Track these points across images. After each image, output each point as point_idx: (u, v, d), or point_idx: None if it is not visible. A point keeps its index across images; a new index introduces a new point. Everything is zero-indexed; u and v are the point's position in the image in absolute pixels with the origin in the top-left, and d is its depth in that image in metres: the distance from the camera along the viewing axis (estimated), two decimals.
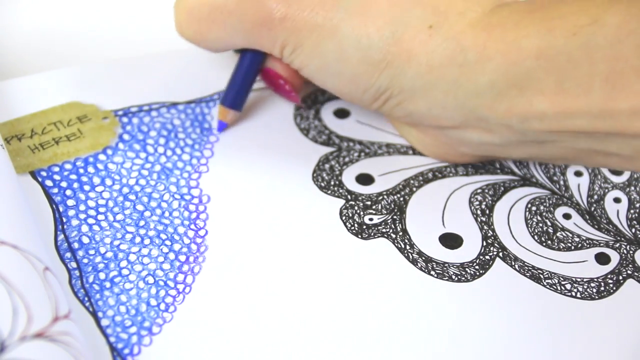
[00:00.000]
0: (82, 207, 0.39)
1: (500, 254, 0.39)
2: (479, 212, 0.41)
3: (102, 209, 0.39)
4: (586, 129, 0.35)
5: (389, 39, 0.37)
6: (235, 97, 0.42)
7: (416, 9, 0.37)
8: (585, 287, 0.38)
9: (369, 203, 0.41)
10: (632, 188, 0.42)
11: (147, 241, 0.38)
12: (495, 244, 0.40)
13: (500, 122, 0.37)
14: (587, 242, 0.40)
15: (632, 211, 0.42)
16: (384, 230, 0.40)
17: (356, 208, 0.40)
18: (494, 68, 0.35)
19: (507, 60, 0.35)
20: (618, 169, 0.42)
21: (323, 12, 0.37)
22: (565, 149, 0.38)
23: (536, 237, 0.40)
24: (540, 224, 0.41)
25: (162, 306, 0.36)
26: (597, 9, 0.34)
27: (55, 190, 0.39)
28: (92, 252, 0.37)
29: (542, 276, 0.39)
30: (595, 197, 0.42)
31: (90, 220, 0.38)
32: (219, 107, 0.42)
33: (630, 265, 0.39)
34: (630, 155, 0.36)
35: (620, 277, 0.39)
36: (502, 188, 0.42)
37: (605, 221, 0.41)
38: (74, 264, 0.37)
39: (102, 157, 0.40)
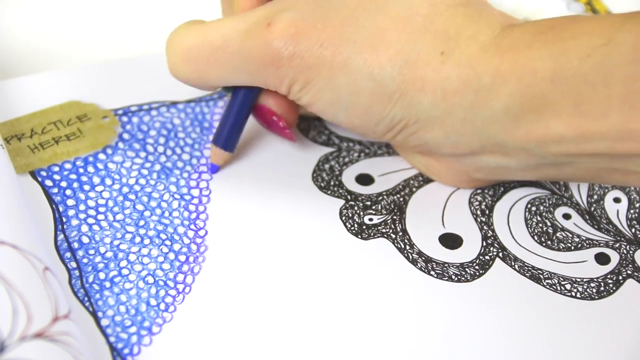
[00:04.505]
0: (82, 207, 0.39)
1: (500, 254, 0.39)
2: (478, 212, 0.41)
3: (102, 209, 0.39)
4: (606, 151, 0.34)
5: (402, 67, 0.36)
6: (228, 138, 0.40)
7: (426, 36, 0.36)
8: (585, 287, 0.38)
9: (368, 203, 0.40)
10: (632, 188, 0.42)
11: (147, 241, 0.38)
12: (495, 244, 0.40)
13: (518, 147, 0.36)
14: (587, 242, 0.40)
15: (632, 211, 0.42)
16: (383, 230, 0.40)
17: (356, 208, 0.40)
18: (509, 92, 0.34)
19: (522, 84, 0.34)
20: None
21: (332, 46, 0.36)
22: (583, 169, 0.37)
23: (536, 237, 0.40)
24: (540, 224, 0.41)
25: (162, 306, 0.36)
26: (610, 28, 0.33)
27: (55, 190, 0.39)
28: (92, 252, 0.37)
29: (541, 276, 0.39)
30: (595, 197, 0.42)
31: (90, 220, 0.38)
32: (212, 148, 0.40)
33: (630, 265, 0.39)
34: None
35: (620, 277, 0.39)
36: (502, 188, 0.42)
37: (605, 221, 0.41)
38: (73, 264, 0.37)
39: (102, 156, 0.40)
